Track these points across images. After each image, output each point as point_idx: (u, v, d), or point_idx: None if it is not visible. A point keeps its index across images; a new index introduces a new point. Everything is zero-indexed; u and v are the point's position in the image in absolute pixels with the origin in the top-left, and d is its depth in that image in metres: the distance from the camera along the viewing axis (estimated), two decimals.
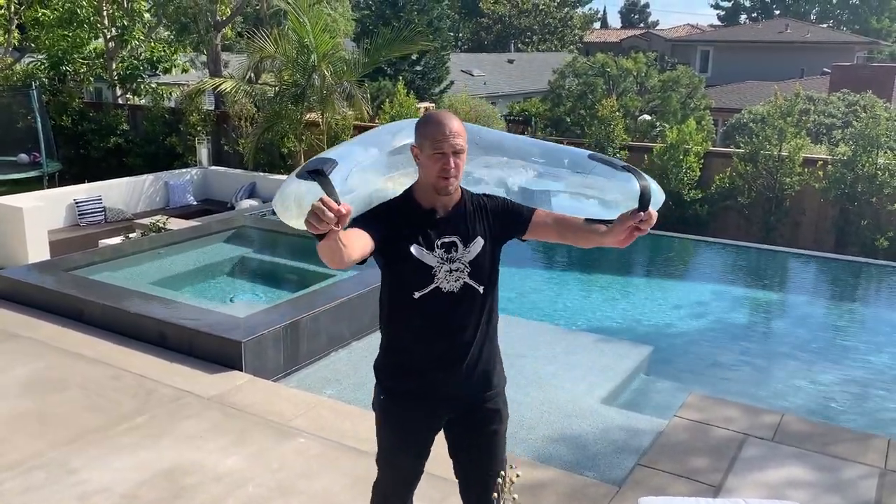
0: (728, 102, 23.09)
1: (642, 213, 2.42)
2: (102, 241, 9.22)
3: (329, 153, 2.82)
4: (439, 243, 2.53)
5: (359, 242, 2.37)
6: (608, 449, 4.61)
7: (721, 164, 11.19)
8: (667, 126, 13.57)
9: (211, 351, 5.22)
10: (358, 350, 5.98)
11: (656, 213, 2.46)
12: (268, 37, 12.64)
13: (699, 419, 4.64)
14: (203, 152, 13.21)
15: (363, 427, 3.40)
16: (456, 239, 2.55)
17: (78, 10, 15.79)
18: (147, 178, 12.11)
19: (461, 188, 2.60)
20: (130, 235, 8.61)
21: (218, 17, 15.49)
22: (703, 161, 11.14)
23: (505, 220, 2.64)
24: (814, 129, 15.92)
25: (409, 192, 2.60)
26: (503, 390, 2.77)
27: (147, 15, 16.57)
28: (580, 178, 3.03)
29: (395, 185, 2.84)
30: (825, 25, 43.32)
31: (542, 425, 4.94)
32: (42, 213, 9.52)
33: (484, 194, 2.70)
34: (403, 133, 2.99)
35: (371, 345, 6.06)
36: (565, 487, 3.92)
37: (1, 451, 4.10)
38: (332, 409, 4.68)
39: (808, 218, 10.70)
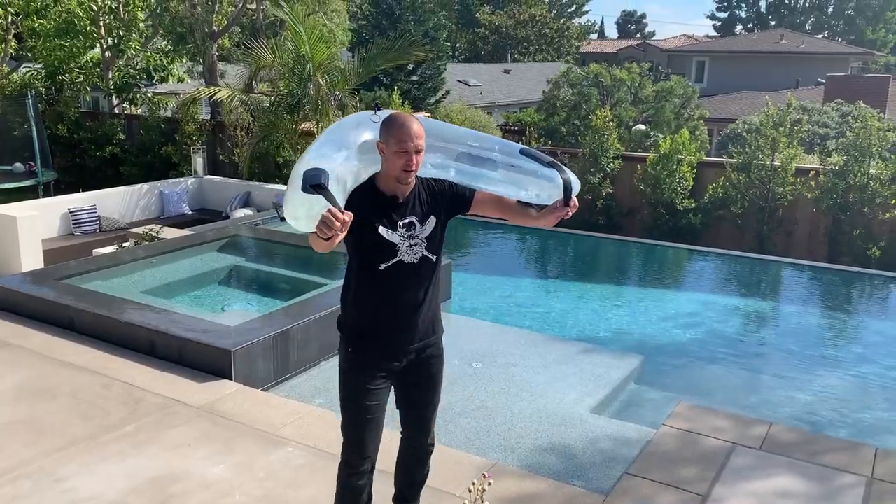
0: (723, 113, 23.18)
1: (566, 205, 3.04)
2: (96, 250, 9.23)
3: (312, 159, 3.41)
4: (401, 223, 3.01)
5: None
6: (597, 458, 4.62)
7: (714, 174, 11.24)
8: (660, 136, 13.64)
9: (200, 360, 5.22)
10: None
11: (577, 202, 3.10)
12: (265, 47, 12.70)
13: (687, 428, 4.65)
14: (198, 162, 13.23)
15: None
16: (414, 219, 3.04)
17: (75, 21, 15.83)
18: (142, 188, 12.12)
19: (416, 175, 3.08)
20: (124, 244, 8.61)
21: (214, 28, 15.55)
22: (696, 171, 11.19)
23: (452, 200, 3.16)
24: (808, 139, 15.98)
25: (372, 182, 3.07)
26: (441, 337, 3.27)
27: (143, 25, 16.63)
28: (513, 172, 3.68)
29: (362, 174, 3.38)
30: (820, 36, 43.54)
31: (531, 434, 4.95)
32: (36, 223, 9.53)
33: (433, 179, 3.20)
34: (363, 126, 3.60)
35: None
36: (553, 498, 3.92)
37: None
38: (320, 419, 4.68)
39: (801, 227, 10.74)
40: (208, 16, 15.25)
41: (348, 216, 2.58)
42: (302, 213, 3.38)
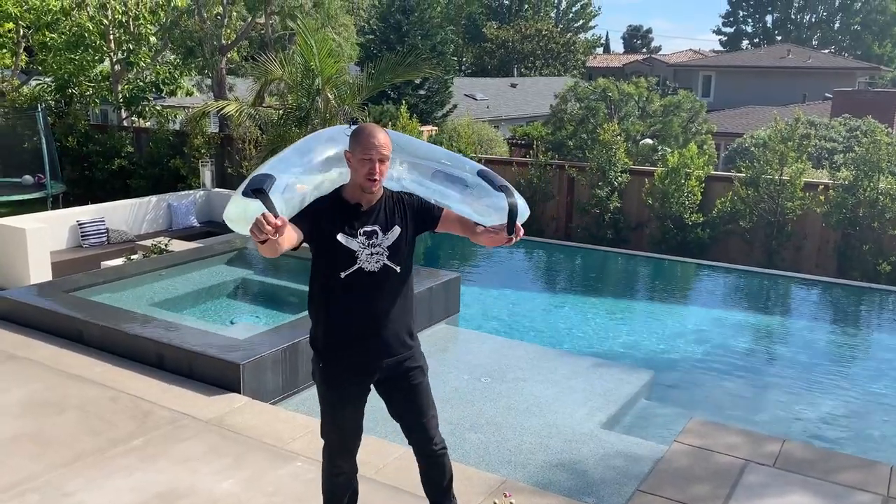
0: (730, 127, 23.17)
1: (511, 234, 3.07)
2: (105, 262, 9.24)
3: (270, 165, 3.47)
4: (362, 231, 3.04)
5: (290, 237, 2.87)
6: (609, 475, 4.57)
7: (722, 189, 11.20)
8: (668, 150, 13.62)
9: (209, 373, 5.20)
10: None
11: (520, 233, 3.12)
12: (274, 60, 12.75)
13: (699, 445, 4.60)
14: (207, 175, 13.26)
15: (362, 452, 3.38)
16: (376, 228, 3.06)
17: (85, 34, 15.95)
18: (150, 200, 12.15)
19: (383, 187, 3.13)
20: (132, 257, 8.62)
21: (223, 42, 15.65)
22: (704, 185, 11.16)
23: (419, 213, 3.19)
24: (815, 154, 15.95)
25: (339, 190, 3.14)
26: (419, 348, 3.27)
27: (153, 38, 16.73)
28: (468, 191, 3.69)
29: (328, 183, 3.45)
30: (827, 51, 43.57)
31: (541, 451, 4.91)
32: (45, 235, 9.55)
33: (405, 192, 3.25)
34: (333, 141, 3.64)
35: None
36: None
37: None
38: None
39: (810, 242, 10.69)
40: (217, 30, 15.34)
41: (280, 221, 2.58)
42: (236, 215, 3.38)
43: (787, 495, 4.05)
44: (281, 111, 13.13)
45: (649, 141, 15.00)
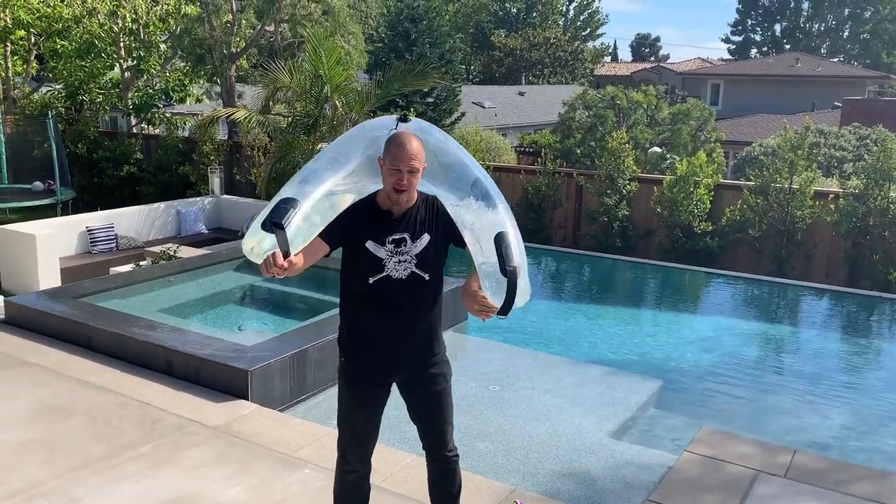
0: (739, 135, 23.12)
1: (494, 311, 2.89)
2: (114, 268, 9.28)
3: (302, 176, 3.17)
4: (390, 239, 3.04)
5: (312, 255, 3.00)
6: (618, 485, 4.54)
7: (732, 197, 11.16)
8: (677, 158, 13.59)
9: (217, 379, 5.20)
10: None
11: (495, 314, 2.91)
12: (283, 68, 12.80)
13: (710, 454, 4.57)
14: (215, 181, 13.30)
15: (371, 460, 3.37)
16: (405, 235, 3.06)
17: (96, 42, 16.05)
18: (159, 207, 12.19)
19: (419, 192, 3.10)
20: (141, 263, 8.64)
21: (233, 49, 15.72)
22: (713, 193, 11.11)
23: (450, 224, 3.13)
24: (825, 163, 15.89)
25: (373, 196, 3.15)
26: (444, 355, 3.29)
27: (163, 46, 16.83)
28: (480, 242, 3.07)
29: (360, 191, 3.24)
30: (836, 60, 43.48)
31: (550, 459, 4.88)
32: (54, 241, 9.59)
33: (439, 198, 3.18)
34: (376, 143, 3.20)
35: None
36: None
37: (5, 478, 4.08)
38: (336, 440, 4.62)
39: (820, 251, 10.63)
40: (227, 37, 15.41)
41: (289, 263, 2.72)
42: (249, 249, 3.16)
43: None
44: (289, 118, 13.18)
45: (657, 149, 14.98)
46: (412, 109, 14.73)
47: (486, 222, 3.02)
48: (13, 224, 10.01)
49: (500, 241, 2.93)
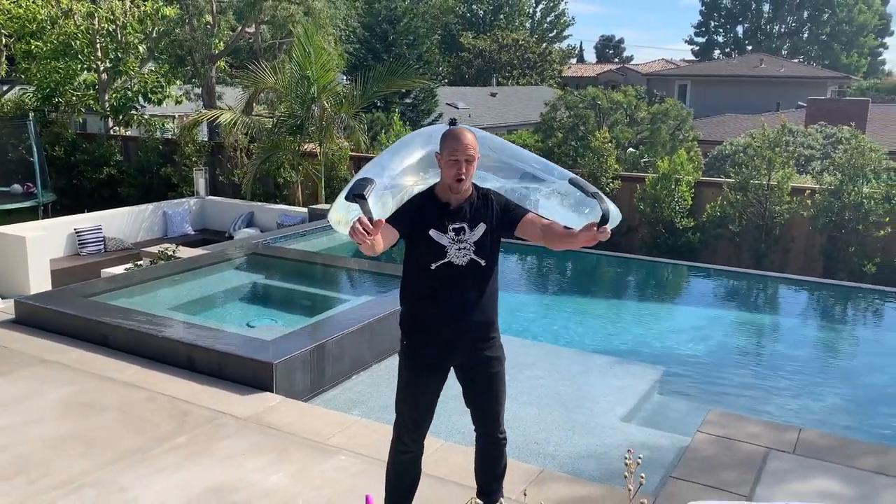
0: (707, 135, 23.63)
1: (601, 228, 3.13)
2: (105, 270, 9.25)
3: (368, 169, 3.83)
4: (451, 228, 3.26)
5: (387, 238, 3.13)
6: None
7: (711, 194, 11.50)
8: (654, 158, 13.93)
9: (241, 373, 5.31)
10: (379, 372, 6.10)
11: (610, 232, 3.19)
12: (267, 69, 12.85)
13: (722, 434, 4.80)
14: (201, 182, 13.31)
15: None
16: (464, 225, 3.27)
17: (72, 43, 15.90)
18: (146, 208, 12.18)
19: (473, 184, 3.34)
20: (139, 263, 8.66)
21: (213, 51, 15.69)
22: (694, 190, 11.45)
23: (503, 212, 3.36)
24: (793, 160, 16.35)
25: (432, 188, 3.37)
26: (499, 339, 3.48)
27: (142, 48, 16.72)
28: (563, 193, 3.95)
29: (424, 182, 3.75)
30: (797, 60, 44.61)
31: (567, 443, 5.09)
32: (44, 242, 9.56)
33: (493, 190, 3.44)
34: (431, 141, 3.83)
35: (390, 367, 6.16)
36: (606, 501, 4.06)
37: (48, 471, 4.16)
38: (367, 428, 4.79)
39: (798, 245, 11.01)
40: (208, 39, 15.39)
41: (376, 227, 2.86)
42: (337, 219, 3.79)
43: (811, 480, 4.27)
44: (274, 119, 13.24)
45: (633, 150, 15.33)
46: (396, 111, 14.87)
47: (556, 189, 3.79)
48: (3, 227, 9.94)
49: (573, 182, 3.68)
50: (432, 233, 3.24)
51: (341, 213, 3.64)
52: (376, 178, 3.42)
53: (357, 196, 3.08)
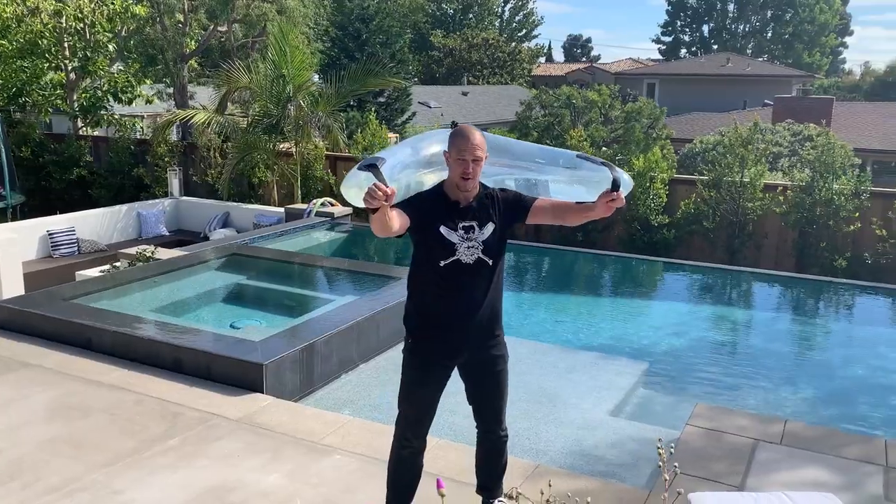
0: (676, 133, 23.94)
1: (614, 193, 3.18)
2: (79, 272, 9.09)
3: (380, 153, 4.15)
4: (461, 226, 3.28)
5: (400, 220, 3.13)
6: (626, 458, 4.83)
7: (686, 191, 11.66)
8: (628, 156, 14.08)
9: (231, 374, 5.27)
10: (366, 372, 6.10)
11: (623, 197, 3.25)
12: (242, 68, 12.74)
13: (710, 427, 4.89)
14: (174, 183, 13.16)
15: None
16: (473, 223, 3.31)
17: (39, 41, 15.60)
18: (120, 209, 12.02)
19: (480, 184, 3.37)
20: (116, 265, 8.54)
21: (185, 50, 15.51)
22: (668, 188, 11.60)
23: (511, 208, 3.40)
24: (764, 158, 16.63)
25: (440, 186, 3.39)
26: (503, 338, 3.51)
27: (111, 46, 16.46)
28: (571, 172, 4.21)
29: (429, 178, 3.85)
30: (761, 59, 45.33)
31: (557, 438, 5.13)
32: (16, 245, 9.35)
33: (500, 188, 3.48)
34: (436, 139, 4.18)
35: (378, 367, 6.20)
36: (603, 494, 4.10)
37: (41, 474, 4.10)
38: (360, 427, 4.79)
39: (770, 241, 11.22)
40: (179, 38, 15.21)
41: (391, 190, 2.86)
42: (350, 185, 3.98)
43: (800, 469, 4.37)
44: (249, 118, 13.14)
45: (606, 148, 15.47)
46: (372, 109, 14.84)
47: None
48: None
49: (580, 157, 4.00)
50: (442, 229, 3.25)
51: (354, 180, 3.83)
52: (395, 152, 3.65)
53: (369, 166, 3.14)
